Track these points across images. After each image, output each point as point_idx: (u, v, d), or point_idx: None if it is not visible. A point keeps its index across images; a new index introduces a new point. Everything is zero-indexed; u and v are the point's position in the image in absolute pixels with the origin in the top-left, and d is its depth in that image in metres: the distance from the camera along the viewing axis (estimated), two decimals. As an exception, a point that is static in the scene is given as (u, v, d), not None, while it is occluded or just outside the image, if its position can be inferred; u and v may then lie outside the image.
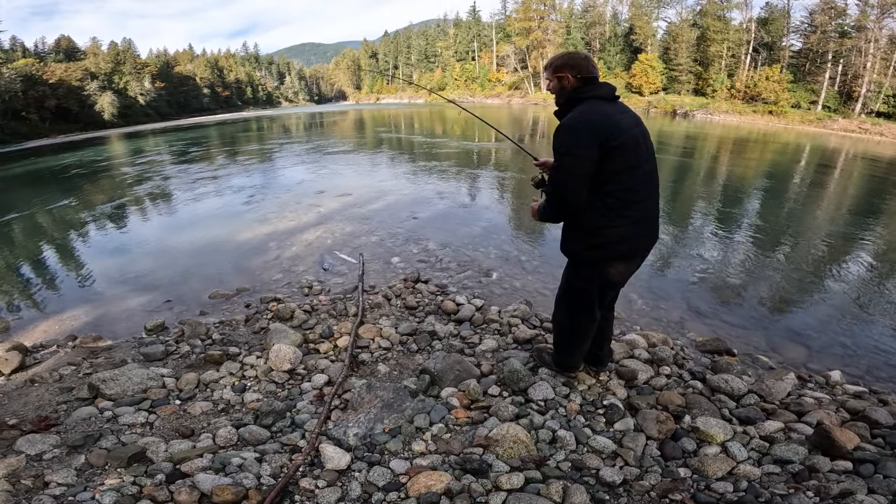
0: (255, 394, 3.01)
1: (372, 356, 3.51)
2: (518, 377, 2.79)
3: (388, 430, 2.50)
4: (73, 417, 2.76)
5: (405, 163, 15.06)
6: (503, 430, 2.33)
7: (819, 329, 4.34)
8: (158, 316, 4.54)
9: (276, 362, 3.22)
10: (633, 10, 50.22)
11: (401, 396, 2.76)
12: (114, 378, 3.03)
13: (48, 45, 54.20)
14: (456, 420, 2.57)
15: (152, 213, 9.59)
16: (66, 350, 3.99)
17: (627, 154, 2.17)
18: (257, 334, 3.98)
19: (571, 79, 2.27)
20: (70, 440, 2.50)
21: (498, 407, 2.59)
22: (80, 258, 6.96)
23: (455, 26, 73.79)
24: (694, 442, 2.41)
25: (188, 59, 76.67)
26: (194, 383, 3.13)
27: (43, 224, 9.19)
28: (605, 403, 2.66)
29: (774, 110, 36.41)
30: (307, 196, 9.83)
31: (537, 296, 5.00)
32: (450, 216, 8.09)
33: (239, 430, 2.58)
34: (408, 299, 4.58)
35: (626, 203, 2.22)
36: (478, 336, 3.79)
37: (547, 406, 2.62)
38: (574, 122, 2.17)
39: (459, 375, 2.94)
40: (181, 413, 2.84)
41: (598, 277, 2.41)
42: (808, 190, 11.67)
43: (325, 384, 3.09)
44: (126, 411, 2.80)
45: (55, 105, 41.43)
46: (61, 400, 3.03)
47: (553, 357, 2.89)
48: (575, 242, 2.39)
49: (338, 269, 5.65)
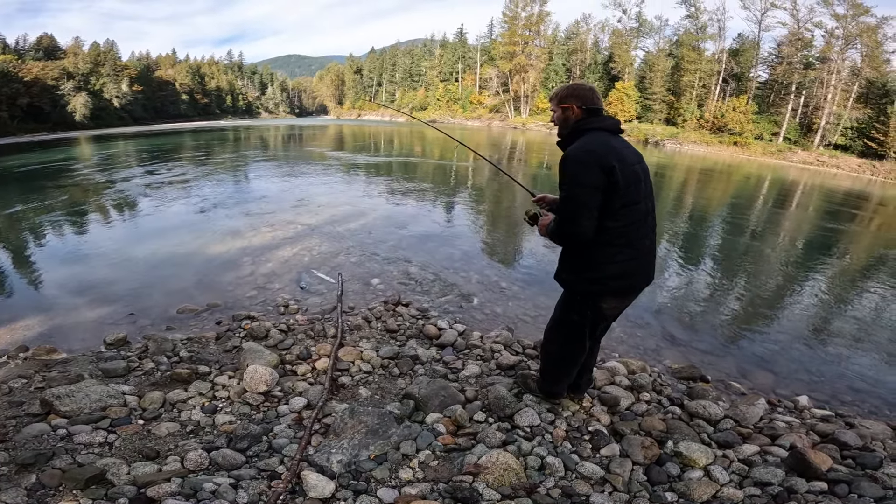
0: (228, 415, 2.85)
1: (352, 379, 3.40)
2: (504, 403, 2.79)
3: (374, 457, 2.42)
4: (24, 434, 2.56)
5: (384, 182, 14.99)
6: (493, 458, 2.31)
7: (783, 355, 4.54)
8: (120, 329, 4.31)
9: (250, 383, 3.06)
10: (614, 38, 51.96)
11: (386, 422, 2.66)
12: (69, 394, 2.82)
13: (29, 42, 52.63)
14: (443, 447, 2.53)
15: (117, 221, 9.19)
16: (16, 361, 3.72)
17: (629, 189, 2.18)
18: (229, 353, 3.80)
19: (576, 110, 2.28)
20: (20, 458, 2.31)
21: (486, 433, 2.56)
22: (36, 264, 6.57)
23: (441, 47, 74.85)
24: (678, 466, 2.45)
25: (170, 64, 75.53)
26: (159, 402, 2.93)
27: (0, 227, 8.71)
28: (591, 430, 2.69)
29: (739, 141, 37.82)
30: (283, 211, 9.62)
31: (518, 322, 4.98)
32: (429, 238, 8.03)
33: (210, 453, 2.43)
34: (388, 322, 4.48)
35: (625, 240, 2.23)
36: (461, 361, 3.74)
37: (533, 432, 2.62)
38: (579, 151, 2.17)
39: (444, 401, 2.90)
40: (145, 434, 2.65)
41: (591, 311, 2.42)
42: (767, 221, 12.11)
43: (304, 407, 2.95)
44: (82, 430, 2.61)
45: (27, 103, 40.06)
46: (10, 415, 2.81)
47: (539, 384, 2.89)
48: (572, 273, 2.38)
49: (315, 288, 5.50)
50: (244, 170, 17.13)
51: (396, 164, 19.94)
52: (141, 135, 36.28)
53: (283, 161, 20.11)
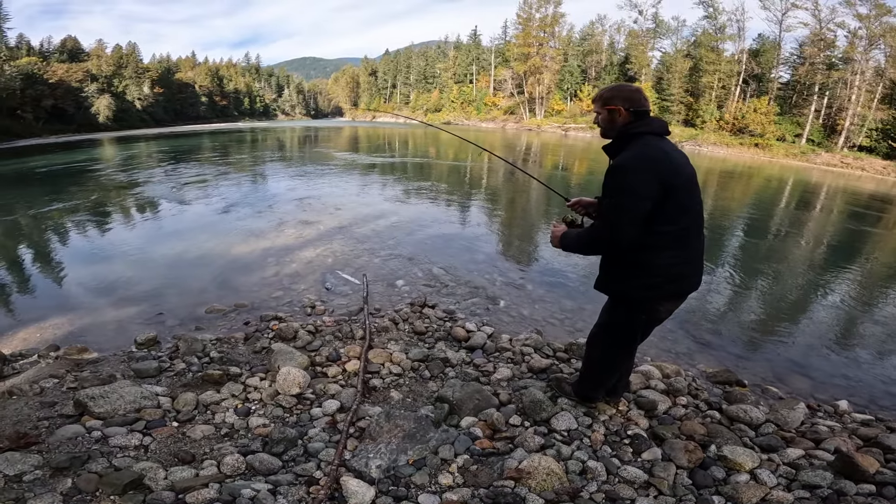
0: (261, 418, 2.81)
1: (383, 382, 3.35)
2: (540, 407, 2.77)
3: (413, 462, 2.39)
4: (57, 436, 2.53)
5: (401, 183, 15.00)
6: (535, 462, 2.27)
7: (817, 359, 4.46)
8: (150, 329, 4.32)
9: (283, 385, 3.02)
10: (630, 39, 51.49)
11: (423, 426, 2.61)
12: (103, 395, 2.79)
13: (54, 44, 53.93)
14: (481, 451, 2.49)
15: (142, 220, 9.31)
16: (47, 361, 3.72)
17: (686, 193, 2.16)
18: (258, 354, 3.78)
19: (623, 112, 2.21)
20: (54, 461, 2.27)
21: (524, 438, 2.54)
22: (67, 264, 6.65)
23: (455, 49, 74.96)
24: (723, 470, 2.42)
25: (189, 66, 76.85)
26: (193, 404, 2.90)
27: (27, 226, 8.88)
28: (630, 433, 2.66)
29: (760, 143, 37.09)
30: (304, 212, 9.65)
31: (546, 324, 4.90)
32: (450, 239, 7.98)
33: (247, 457, 2.39)
34: (416, 324, 4.43)
35: (682, 242, 2.21)
36: (491, 364, 3.69)
37: (571, 436, 2.59)
38: (635, 160, 2.10)
39: (479, 405, 2.86)
40: (179, 436, 2.63)
41: (646, 315, 2.39)
42: (792, 224, 11.81)
43: (338, 410, 2.91)
44: (117, 432, 2.58)
45: (51, 105, 41.01)
46: (43, 416, 2.79)
47: (575, 388, 2.86)
48: (624, 281, 2.32)
49: (340, 289, 5.47)
50: (264, 171, 17.29)
51: (412, 166, 19.96)
52: (162, 136, 36.90)
53: (301, 162, 20.25)
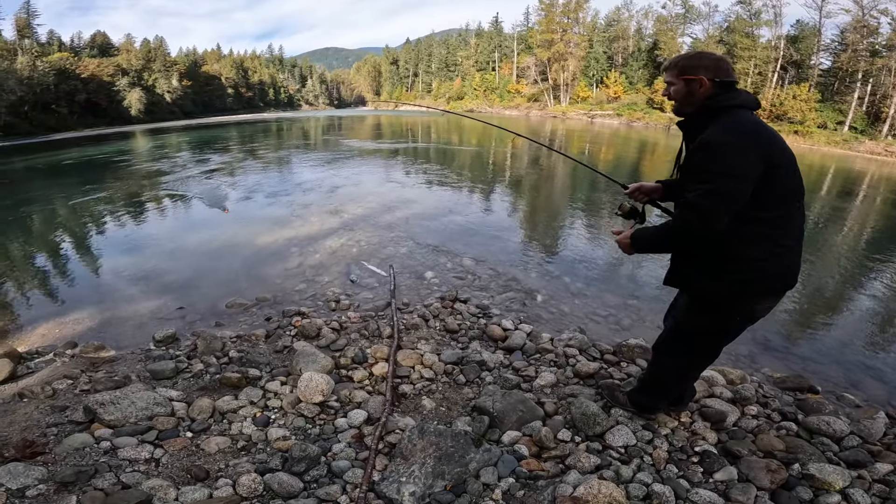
0: (282, 429, 2.53)
1: (414, 388, 3.03)
2: (594, 420, 2.46)
3: (451, 488, 2.07)
4: (65, 445, 2.32)
5: (427, 171, 14.65)
6: (593, 488, 1.96)
7: (889, 363, 4.02)
8: (169, 325, 4.10)
9: (305, 392, 2.73)
10: (658, 25, 49.70)
11: (462, 444, 2.27)
12: (114, 401, 2.58)
13: (84, 40, 55.17)
14: (528, 473, 2.18)
15: (168, 212, 9.23)
16: (63, 359, 3.56)
17: (789, 173, 1.86)
18: (280, 353, 3.51)
19: (707, 83, 1.89)
20: (59, 475, 2.07)
21: (577, 457, 2.24)
22: (87, 256, 6.57)
23: (477, 36, 73.84)
24: (810, 491, 2.14)
25: (215, 59, 77.70)
26: (208, 412, 2.65)
27: (53, 218, 8.89)
28: (698, 450, 2.36)
29: (800, 130, 35.34)
30: (328, 201, 9.43)
31: (588, 322, 4.50)
32: (480, 229, 7.62)
33: (264, 476, 2.11)
34: (447, 321, 4.09)
35: (786, 232, 1.91)
36: (533, 368, 3.33)
37: (630, 454, 2.31)
38: (734, 136, 1.77)
39: (523, 417, 2.55)
40: (193, 449, 2.38)
41: (742, 315, 2.07)
42: (843, 213, 10.96)
43: (365, 422, 2.61)
44: (127, 443, 2.36)
45: (85, 99, 42.02)
46: (52, 421, 2.59)
47: (633, 397, 2.57)
48: (712, 278, 1.97)
49: (366, 281, 5.18)
50: (289, 159, 17.18)
51: (436, 153, 19.59)
52: (191, 128, 37.34)
53: (325, 151, 20.04)
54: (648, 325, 4.42)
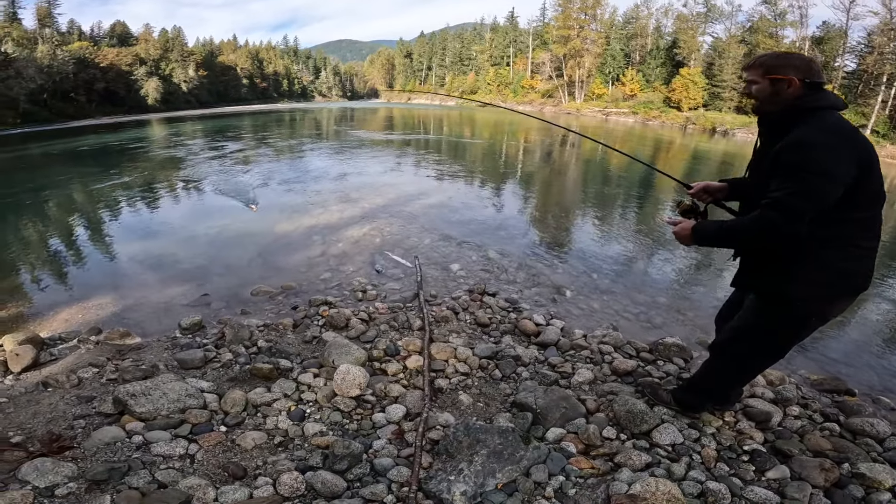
0: (318, 424, 2.43)
1: (450, 382, 2.92)
2: (641, 418, 2.40)
3: (502, 487, 1.98)
4: (94, 440, 2.21)
5: (444, 163, 14.50)
6: (651, 486, 1.90)
7: None
8: (194, 312, 4.03)
9: (341, 386, 2.63)
10: (679, 23, 48.86)
11: (510, 442, 2.16)
12: (145, 392, 2.47)
13: (104, 29, 55.56)
14: (579, 471, 2.11)
15: (188, 198, 9.23)
16: (87, 346, 3.48)
17: (878, 178, 1.86)
18: (309, 344, 3.42)
19: (797, 83, 1.85)
20: (91, 472, 1.94)
21: (628, 455, 2.17)
22: (107, 241, 6.54)
23: (492, 31, 73.24)
24: (861, 489, 2.11)
25: (231, 50, 77.89)
26: (241, 405, 2.54)
27: (72, 202, 8.92)
28: (747, 449, 2.32)
29: (819, 131, 34.72)
30: (347, 189, 9.36)
31: (619, 320, 4.38)
32: (503, 222, 7.51)
33: (305, 474, 2.02)
34: (478, 314, 3.99)
35: (871, 232, 1.92)
36: (569, 365, 3.23)
37: (678, 452, 2.26)
38: (828, 136, 1.75)
39: (566, 414, 2.50)
40: (228, 444, 2.26)
41: (817, 317, 2.03)
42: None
43: (404, 417, 2.51)
44: (160, 437, 2.25)
45: (103, 88, 42.39)
46: (79, 413, 2.48)
47: (678, 396, 2.54)
48: (795, 280, 1.92)
49: (391, 272, 5.08)
50: (305, 148, 17.13)
51: (453, 146, 19.42)
52: (207, 117, 37.47)
53: (339, 141, 19.98)
54: (679, 324, 4.31)
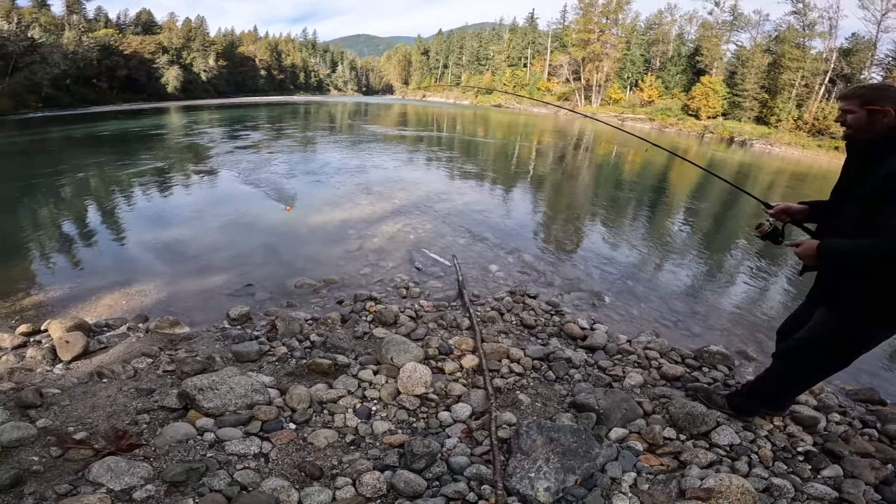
0: (385, 422, 2.42)
1: (506, 382, 2.94)
2: (701, 420, 2.52)
3: (581, 483, 2.04)
4: (165, 437, 2.15)
5: (466, 162, 14.46)
6: (725, 481, 1.97)
7: None
8: (240, 302, 4.04)
9: (407, 384, 2.63)
10: (702, 30, 48.36)
11: (584, 440, 2.20)
12: (213, 386, 2.42)
13: (129, 17, 56.10)
14: (650, 468, 2.20)
15: (219, 187, 9.23)
16: (137, 334, 3.45)
17: None
18: (361, 340, 3.42)
19: (892, 114, 1.97)
20: (168, 473, 1.88)
21: (695, 453, 2.28)
22: (144, 225, 6.56)
23: (510, 31, 72.97)
24: None
25: (251, 41, 78.36)
26: (307, 401, 2.51)
27: (105, 186, 8.97)
28: (801, 450, 2.46)
29: (841, 146, 34.08)
30: (373, 184, 9.38)
31: (659, 326, 4.39)
32: (535, 225, 7.57)
33: (384, 473, 2.01)
34: (522, 316, 3.99)
35: None
36: (619, 368, 3.29)
37: (736, 452, 2.37)
38: None
39: (626, 415, 2.60)
40: (301, 443, 2.24)
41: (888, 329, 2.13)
42: None
43: (470, 416, 2.51)
44: (232, 435, 2.20)
45: (125, 75, 42.79)
46: (141, 407, 2.42)
47: (734, 400, 2.66)
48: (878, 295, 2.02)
49: (431, 269, 5.08)
50: (326, 142, 17.19)
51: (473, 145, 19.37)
52: (225, 106, 37.72)
53: (359, 135, 19.98)
54: (718, 333, 4.34)
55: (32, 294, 4.31)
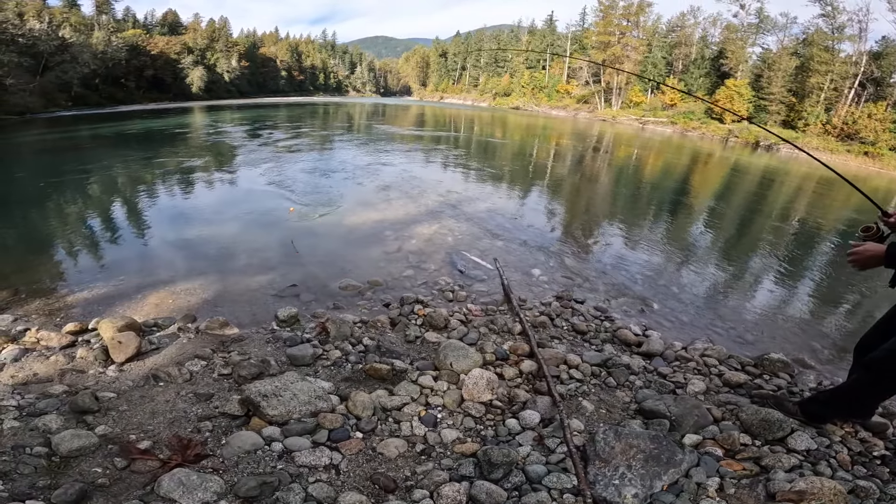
0: (453, 430, 2.35)
1: (567, 389, 2.87)
2: (778, 426, 2.50)
3: (667, 488, 2.03)
4: (232, 447, 2.06)
5: (493, 164, 14.35)
6: (816, 483, 1.98)
7: None
8: (286, 303, 4.02)
9: (473, 391, 2.56)
10: (727, 33, 47.56)
11: (665, 447, 2.15)
12: (276, 393, 2.34)
13: (156, 17, 57.31)
14: (733, 472, 2.18)
15: (249, 183, 9.23)
16: (188, 335, 3.40)
17: None
18: (413, 344, 3.36)
19: None
20: (241, 488, 1.79)
21: (777, 458, 2.27)
22: (182, 223, 6.58)
23: (529, 34, 72.70)
24: None
25: (272, 42, 79.30)
26: (370, 408, 2.44)
27: (141, 184, 9.07)
28: (877, 454, 2.44)
29: (871, 151, 33.20)
30: (403, 185, 9.34)
31: (712, 334, 4.29)
32: (572, 228, 7.46)
33: (461, 484, 1.94)
34: (573, 321, 3.91)
35: None
36: (680, 375, 3.23)
37: (814, 457, 2.35)
38: None
39: (698, 421, 2.59)
40: (370, 453, 2.16)
41: None
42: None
43: (539, 423, 2.44)
44: (301, 445, 2.12)
45: (152, 75, 43.60)
46: (202, 413, 2.35)
47: (808, 407, 2.65)
48: None
49: (473, 273, 5.01)
50: (352, 142, 17.20)
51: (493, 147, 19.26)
52: (247, 107, 38.09)
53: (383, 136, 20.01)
54: (771, 340, 4.26)
55: (75, 291, 4.32)
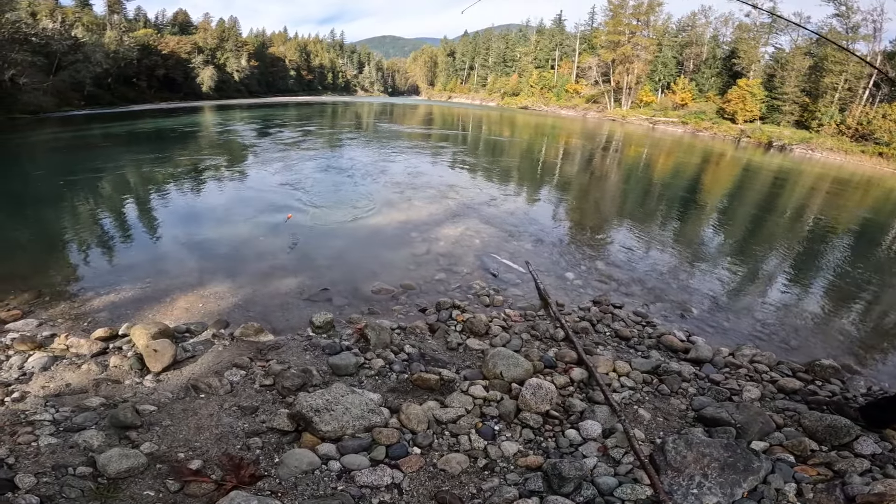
0: (513, 443, 2.27)
1: (622, 397, 2.79)
2: (844, 432, 2.53)
3: (747, 495, 2.00)
4: (288, 467, 1.96)
5: (508, 162, 14.20)
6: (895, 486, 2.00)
7: None
8: (321, 308, 3.94)
9: (531, 401, 2.47)
10: (739, 32, 47.12)
11: (740, 454, 2.11)
12: (328, 407, 2.25)
13: (167, 17, 57.79)
14: (808, 478, 2.17)
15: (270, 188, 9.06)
16: (223, 342, 3.27)
17: None
18: (455, 351, 3.27)
19: None
20: None
21: (850, 462, 2.28)
22: (205, 225, 6.46)
23: (538, 33, 72.36)
24: None
25: (281, 41, 79.67)
26: (425, 422, 2.34)
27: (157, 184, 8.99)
28: None
29: (885, 152, 32.77)
30: (422, 186, 9.24)
31: (754, 339, 4.19)
32: (601, 231, 7.34)
33: (531, 499, 1.87)
34: (615, 326, 3.81)
35: None
36: (733, 381, 3.17)
37: (881, 460, 2.36)
38: None
39: (763, 428, 2.56)
40: (432, 470, 2.07)
41: None
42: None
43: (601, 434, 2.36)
44: (360, 463, 2.03)
45: (163, 74, 43.86)
46: (249, 429, 2.24)
47: (870, 413, 2.67)
48: None
49: (506, 276, 4.91)
50: (364, 142, 17.09)
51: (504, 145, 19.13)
52: (257, 106, 38.26)
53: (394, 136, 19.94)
54: (815, 346, 4.19)
55: (100, 293, 4.20)
